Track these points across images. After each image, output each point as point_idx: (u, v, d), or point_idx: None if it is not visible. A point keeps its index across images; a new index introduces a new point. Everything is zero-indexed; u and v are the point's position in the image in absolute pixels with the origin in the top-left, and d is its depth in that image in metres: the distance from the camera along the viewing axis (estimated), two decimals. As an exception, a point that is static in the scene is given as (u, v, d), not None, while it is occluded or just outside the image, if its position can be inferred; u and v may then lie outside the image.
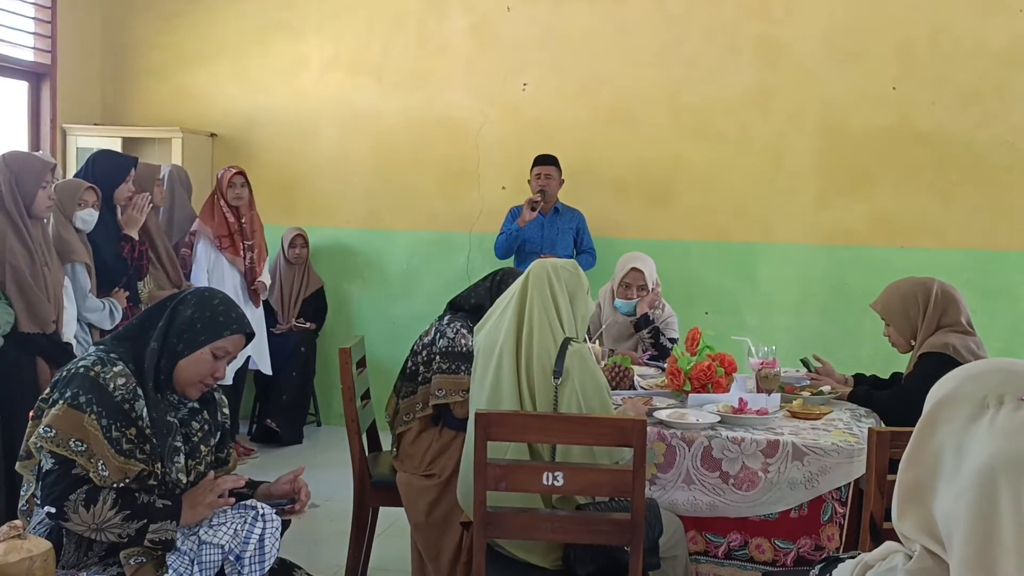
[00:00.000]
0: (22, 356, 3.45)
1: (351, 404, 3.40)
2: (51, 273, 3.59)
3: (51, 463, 2.01)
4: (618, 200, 5.80)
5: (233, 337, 2.22)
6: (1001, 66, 5.38)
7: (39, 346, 3.49)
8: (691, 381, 3.20)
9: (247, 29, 6.14)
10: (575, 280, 2.69)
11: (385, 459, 3.55)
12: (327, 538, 4.00)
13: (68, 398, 2.03)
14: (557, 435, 2.40)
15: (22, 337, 3.44)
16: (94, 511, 1.98)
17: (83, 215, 3.95)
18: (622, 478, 2.30)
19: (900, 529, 1.10)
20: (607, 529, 2.33)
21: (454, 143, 5.94)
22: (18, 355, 3.43)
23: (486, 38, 5.90)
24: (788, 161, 5.62)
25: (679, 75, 5.70)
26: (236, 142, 6.17)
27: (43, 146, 5.73)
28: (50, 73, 5.76)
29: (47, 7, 5.72)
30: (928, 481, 1.08)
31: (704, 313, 5.60)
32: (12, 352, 3.41)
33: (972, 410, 1.08)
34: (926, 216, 5.51)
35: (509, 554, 2.55)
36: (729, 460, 2.81)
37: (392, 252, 6.12)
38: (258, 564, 2.10)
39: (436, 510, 3.20)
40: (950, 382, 1.14)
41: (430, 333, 3.28)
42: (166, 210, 5.12)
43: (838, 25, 5.54)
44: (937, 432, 1.10)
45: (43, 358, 3.49)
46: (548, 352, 2.56)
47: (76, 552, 2.08)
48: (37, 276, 3.49)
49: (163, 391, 2.18)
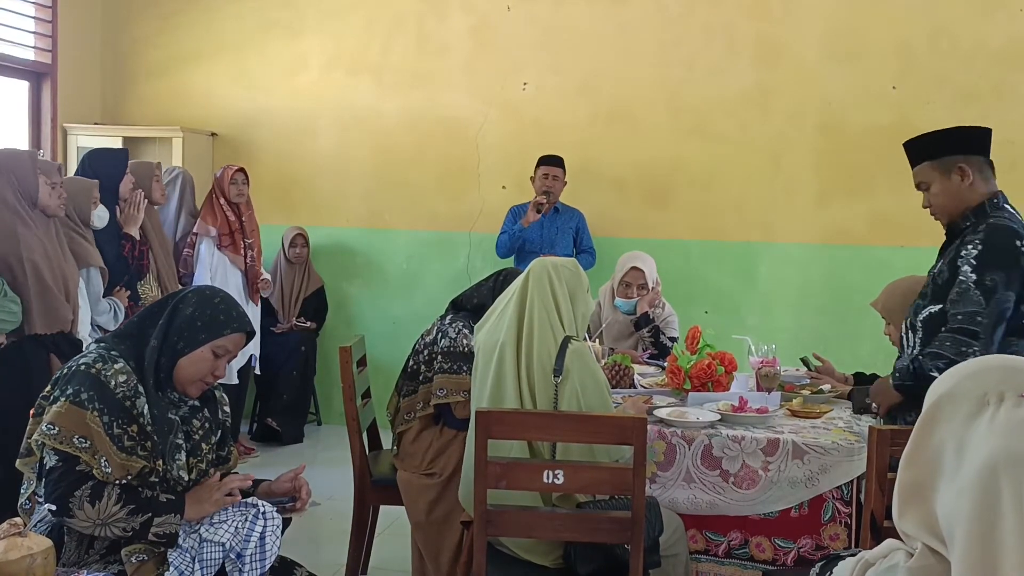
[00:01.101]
0: (37, 352, 3.45)
1: (352, 403, 3.40)
2: (69, 269, 3.60)
3: (55, 460, 2.01)
4: (618, 199, 5.80)
5: (233, 336, 2.22)
6: (1001, 65, 5.38)
7: (55, 344, 3.49)
8: (691, 379, 3.21)
9: (247, 29, 6.14)
10: (575, 279, 2.69)
11: (386, 458, 3.55)
12: (327, 536, 4.00)
13: (70, 395, 2.03)
14: (557, 433, 2.40)
15: (37, 336, 3.45)
16: (99, 506, 1.99)
17: (99, 212, 3.97)
18: (622, 476, 2.30)
19: (901, 527, 1.10)
20: (607, 527, 2.34)
21: (454, 143, 5.94)
22: (34, 351, 3.43)
23: (486, 38, 5.90)
24: (788, 160, 5.63)
25: (679, 75, 5.70)
26: (236, 141, 6.17)
27: (44, 145, 5.74)
28: (51, 72, 5.76)
29: (48, 7, 5.72)
30: (929, 479, 1.08)
31: (704, 312, 5.60)
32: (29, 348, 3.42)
33: (972, 407, 1.08)
34: (926, 215, 5.42)
35: (510, 552, 2.55)
36: (729, 458, 2.81)
37: (392, 252, 6.12)
38: (259, 562, 2.11)
39: (436, 509, 3.20)
40: (949, 380, 1.14)
41: (432, 332, 3.28)
42: (176, 213, 5.13)
43: (837, 25, 5.54)
44: (937, 430, 1.10)
45: (57, 356, 3.48)
46: (548, 351, 2.56)
47: (77, 550, 2.09)
48: (56, 275, 3.49)
49: (163, 389, 2.18)
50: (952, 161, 2.61)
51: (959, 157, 2.61)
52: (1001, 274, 2.42)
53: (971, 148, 2.63)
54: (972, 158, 2.61)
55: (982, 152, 2.64)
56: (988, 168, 2.64)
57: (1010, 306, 2.43)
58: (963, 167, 2.59)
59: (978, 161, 2.62)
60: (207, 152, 6.15)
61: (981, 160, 2.63)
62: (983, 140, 2.68)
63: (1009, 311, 2.43)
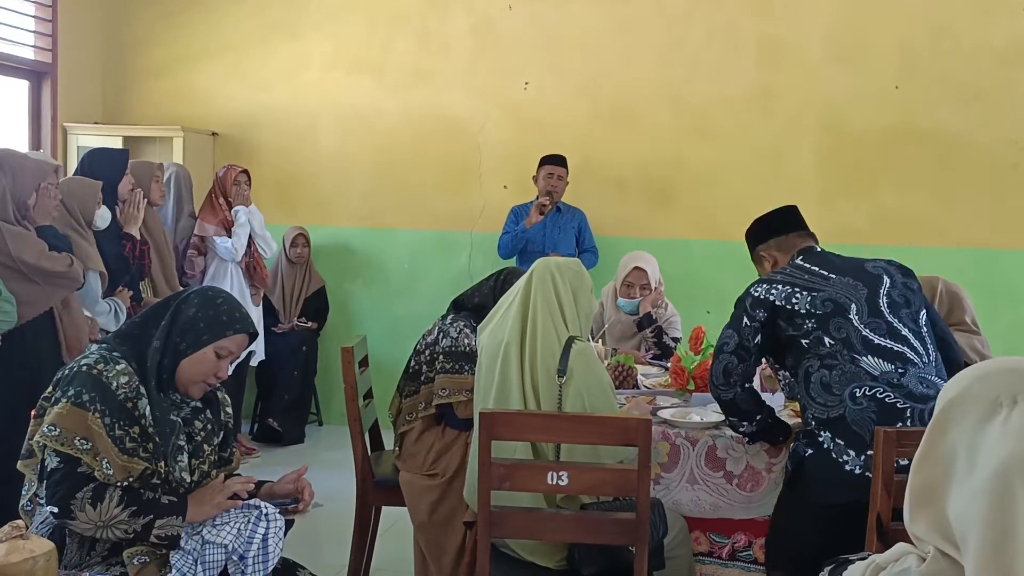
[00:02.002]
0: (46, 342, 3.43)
1: (353, 404, 3.39)
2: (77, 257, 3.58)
3: (56, 462, 2.00)
4: (619, 199, 5.79)
5: (236, 337, 2.21)
6: (1003, 64, 5.37)
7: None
8: (695, 380, 3.20)
9: (248, 28, 6.13)
10: (578, 278, 2.68)
11: (388, 458, 3.54)
12: (330, 538, 3.98)
13: (71, 396, 2.02)
14: (562, 434, 2.39)
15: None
16: (101, 508, 1.98)
17: (101, 213, 3.95)
18: (627, 478, 2.29)
19: (912, 531, 1.09)
20: (612, 529, 2.33)
21: (455, 142, 5.93)
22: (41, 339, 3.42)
23: (487, 37, 5.89)
24: (790, 160, 5.62)
25: (680, 74, 5.69)
26: (237, 141, 6.16)
27: (44, 145, 5.72)
28: (51, 72, 5.75)
29: (48, 6, 5.71)
30: (941, 482, 1.07)
31: (706, 312, 5.59)
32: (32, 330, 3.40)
33: (984, 410, 1.07)
34: (928, 215, 5.50)
35: (513, 554, 2.54)
36: (733, 460, 2.80)
37: (393, 251, 6.11)
38: (262, 564, 2.10)
39: (439, 510, 3.19)
40: (960, 383, 1.13)
41: (433, 332, 3.27)
42: (172, 210, 5.11)
43: (839, 24, 5.53)
44: (949, 433, 1.09)
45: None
46: (552, 351, 2.55)
47: (79, 552, 2.08)
48: (53, 255, 3.45)
49: (165, 390, 2.17)
50: (756, 254, 2.88)
51: (759, 248, 2.85)
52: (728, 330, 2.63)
53: (763, 238, 2.85)
54: (769, 242, 2.82)
55: (774, 234, 2.83)
56: (788, 239, 2.80)
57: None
58: (762, 255, 2.83)
59: (775, 242, 2.82)
60: (208, 152, 6.13)
61: (777, 240, 2.82)
62: (769, 226, 2.86)
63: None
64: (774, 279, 2.63)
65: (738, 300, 2.66)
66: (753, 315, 2.58)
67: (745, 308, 2.60)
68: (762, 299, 2.58)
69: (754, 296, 2.60)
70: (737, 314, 2.63)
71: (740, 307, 2.63)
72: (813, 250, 2.74)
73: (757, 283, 2.65)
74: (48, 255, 3.44)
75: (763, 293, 2.59)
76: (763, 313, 2.57)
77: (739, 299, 2.65)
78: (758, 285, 2.63)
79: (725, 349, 2.60)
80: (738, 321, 2.61)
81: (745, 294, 2.64)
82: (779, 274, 2.66)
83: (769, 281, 2.63)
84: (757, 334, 2.58)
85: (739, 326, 2.60)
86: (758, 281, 2.67)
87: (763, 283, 2.63)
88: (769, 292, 2.58)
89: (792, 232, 2.81)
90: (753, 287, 2.64)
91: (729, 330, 2.63)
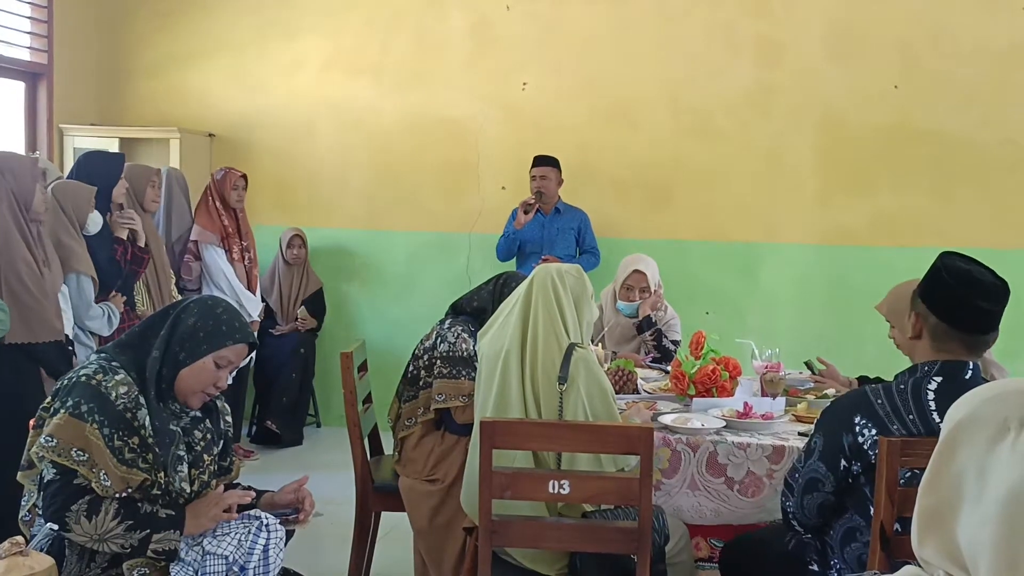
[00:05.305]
0: (25, 363, 3.39)
1: (353, 409, 3.37)
2: (51, 275, 3.54)
3: (52, 473, 1.99)
4: (618, 200, 5.78)
5: (236, 347, 2.20)
6: (1003, 65, 5.37)
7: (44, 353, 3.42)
8: (695, 385, 3.19)
9: (245, 28, 6.11)
10: (580, 285, 2.67)
11: (387, 463, 3.53)
12: (329, 543, 3.97)
13: (70, 407, 2.01)
14: (563, 443, 2.38)
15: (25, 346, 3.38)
16: (96, 522, 1.97)
17: (93, 218, 3.92)
18: (629, 486, 2.28)
19: (921, 555, 1.09)
20: (614, 538, 2.32)
21: (453, 143, 5.92)
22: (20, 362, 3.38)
23: (485, 37, 5.87)
24: (789, 161, 5.61)
25: (679, 74, 5.68)
26: (234, 142, 6.14)
27: (40, 146, 5.70)
28: (46, 73, 5.72)
29: (43, 7, 5.68)
30: (949, 506, 1.06)
31: (705, 313, 5.59)
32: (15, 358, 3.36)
33: (993, 432, 1.06)
34: (928, 215, 5.49)
35: (514, 562, 2.53)
36: (734, 465, 2.79)
37: (391, 253, 6.09)
38: (263, 575, 2.09)
39: (439, 515, 3.18)
40: (968, 404, 1.11)
41: (431, 337, 3.26)
42: (164, 213, 5.07)
43: (839, 24, 5.52)
44: (957, 455, 1.08)
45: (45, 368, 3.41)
46: (553, 358, 2.54)
47: (78, 563, 2.07)
48: (40, 283, 3.43)
49: (165, 400, 2.16)
50: (911, 307, 2.38)
51: (920, 308, 2.34)
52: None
53: (936, 308, 2.32)
54: (933, 320, 2.31)
55: (949, 321, 2.30)
56: (952, 340, 2.29)
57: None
58: (916, 314, 2.34)
59: (939, 326, 2.30)
60: (205, 153, 6.11)
61: (944, 327, 2.29)
62: (957, 303, 2.32)
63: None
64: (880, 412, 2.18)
65: (834, 427, 2.25)
66: (849, 466, 2.23)
67: (844, 450, 2.21)
68: (863, 450, 2.19)
69: (857, 442, 2.19)
70: (831, 450, 2.23)
71: (835, 444, 2.23)
72: (953, 376, 2.21)
73: (862, 415, 2.19)
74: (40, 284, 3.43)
75: (867, 441, 2.17)
76: (858, 467, 2.23)
77: (836, 427, 2.24)
78: (864, 422, 2.19)
79: (821, 488, 2.27)
80: (833, 459, 2.23)
81: (845, 430, 2.20)
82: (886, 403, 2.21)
83: (871, 415, 2.18)
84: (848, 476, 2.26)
85: (834, 464, 2.23)
86: (864, 412, 2.19)
87: (868, 420, 2.18)
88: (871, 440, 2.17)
89: (967, 334, 2.26)
90: (858, 419, 2.18)
91: (822, 467, 2.26)
